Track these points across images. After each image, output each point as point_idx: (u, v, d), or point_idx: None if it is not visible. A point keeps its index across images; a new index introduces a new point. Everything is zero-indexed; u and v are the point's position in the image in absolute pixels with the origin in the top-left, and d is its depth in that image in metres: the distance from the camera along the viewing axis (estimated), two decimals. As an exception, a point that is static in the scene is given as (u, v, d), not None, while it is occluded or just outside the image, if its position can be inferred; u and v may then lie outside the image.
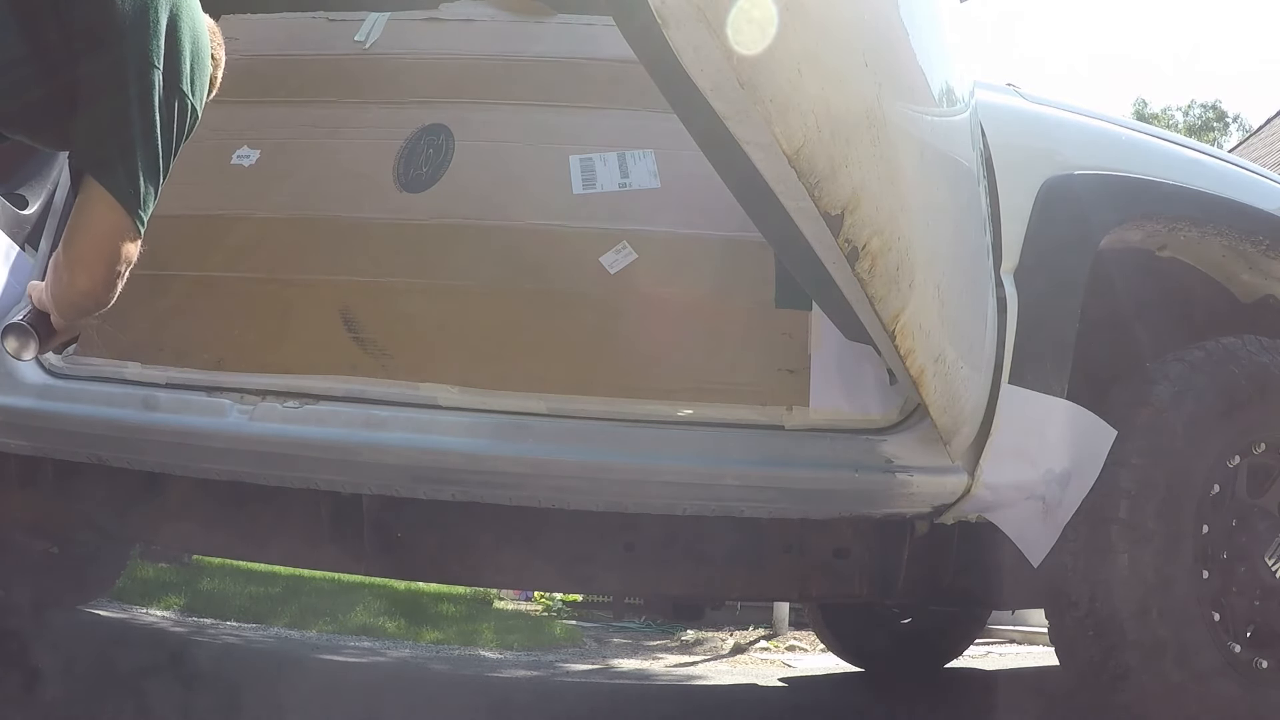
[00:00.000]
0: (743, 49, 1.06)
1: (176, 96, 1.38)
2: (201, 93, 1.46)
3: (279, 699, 2.62)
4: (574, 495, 1.80)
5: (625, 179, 2.05)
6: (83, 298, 1.41)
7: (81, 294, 1.40)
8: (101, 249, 1.37)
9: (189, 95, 1.41)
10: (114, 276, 1.38)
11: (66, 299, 1.43)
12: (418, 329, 1.91)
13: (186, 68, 1.40)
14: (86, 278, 1.39)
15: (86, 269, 1.38)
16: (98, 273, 1.38)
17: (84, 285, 1.39)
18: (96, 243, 1.37)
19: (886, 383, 1.83)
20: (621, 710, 2.98)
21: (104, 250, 1.37)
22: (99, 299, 1.41)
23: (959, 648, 3.72)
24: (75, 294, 1.41)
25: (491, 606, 7.23)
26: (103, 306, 1.43)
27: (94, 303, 1.42)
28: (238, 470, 1.85)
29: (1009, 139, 1.88)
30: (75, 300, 1.42)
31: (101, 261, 1.38)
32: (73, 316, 1.47)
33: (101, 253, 1.37)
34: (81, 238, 1.39)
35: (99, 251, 1.37)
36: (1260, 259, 2.12)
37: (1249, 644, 1.88)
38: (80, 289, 1.40)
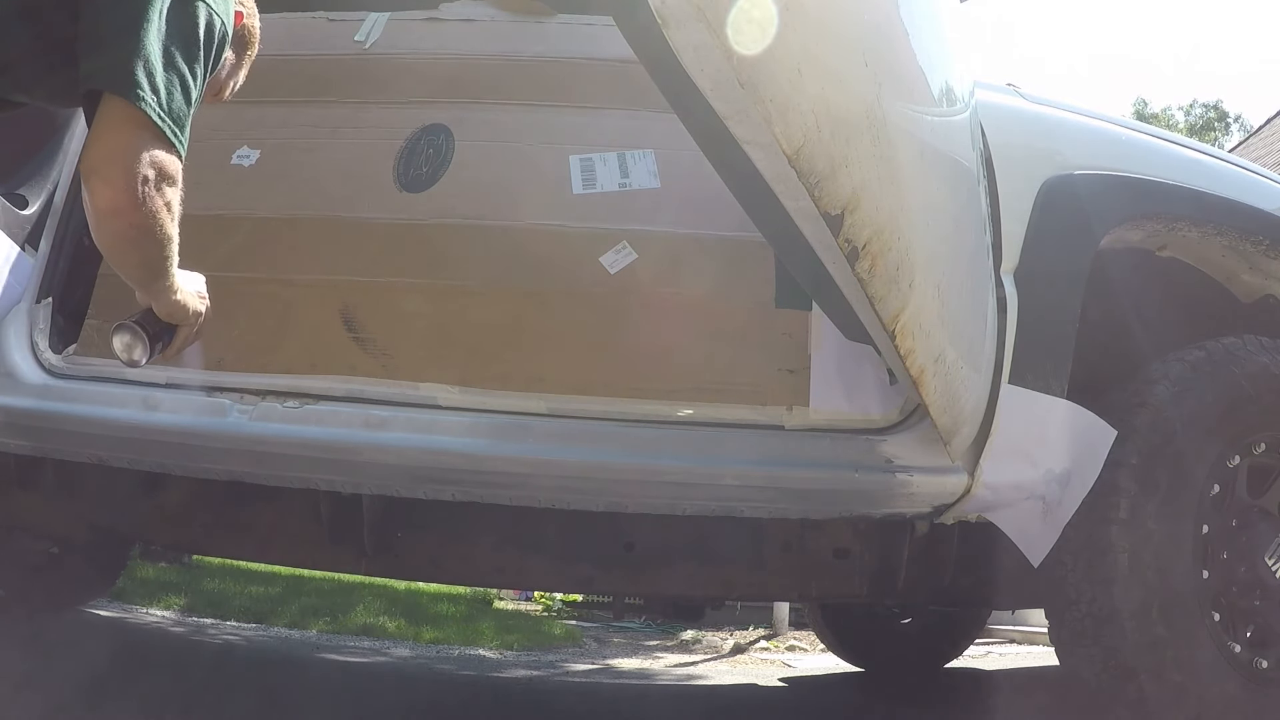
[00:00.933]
0: (743, 49, 1.06)
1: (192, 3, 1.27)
2: (225, 9, 1.34)
3: (279, 699, 2.62)
4: (574, 495, 1.80)
5: (625, 179, 2.05)
6: (109, 217, 1.21)
7: (104, 212, 1.21)
8: (115, 150, 1.19)
9: (208, 2, 1.29)
10: (137, 181, 1.19)
11: (98, 230, 1.23)
12: (418, 329, 1.91)
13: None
14: (104, 189, 1.20)
15: (102, 178, 1.20)
16: (115, 178, 1.19)
17: (104, 201, 1.20)
18: (109, 145, 1.20)
19: (886, 383, 1.83)
20: (621, 710, 2.98)
21: (118, 151, 1.19)
22: (129, 217, 1.21)
23: (959, 648, 3.72)
24: (100, 216, 1.21)
25: (491, 606, 7.23)
26: (144, 233, 1.23)
27: (126, 224, 1.21)
28: (238, 470, 1.85)
29: (1009, 139, 1.88)
30: (105, 227, 1.22)
31: (117, 164, 1.19)
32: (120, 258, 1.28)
33: (115, 154, 1.19)
34: (92, 146, 1.21)
35: (112, 153, 1.19)
36: (1260, 259, 2.12)
37: (1249, 644, 1.88)
38: (101, 206, 1.20)
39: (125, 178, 1.19)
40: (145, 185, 1.21)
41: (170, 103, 1.23)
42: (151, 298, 1.41)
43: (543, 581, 3.37)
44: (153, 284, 1.38)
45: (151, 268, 1.33)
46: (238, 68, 1.59)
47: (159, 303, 1.42)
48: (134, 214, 1.21)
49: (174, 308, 1.44)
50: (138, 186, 1.20)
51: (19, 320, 1.88)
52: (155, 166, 1.21)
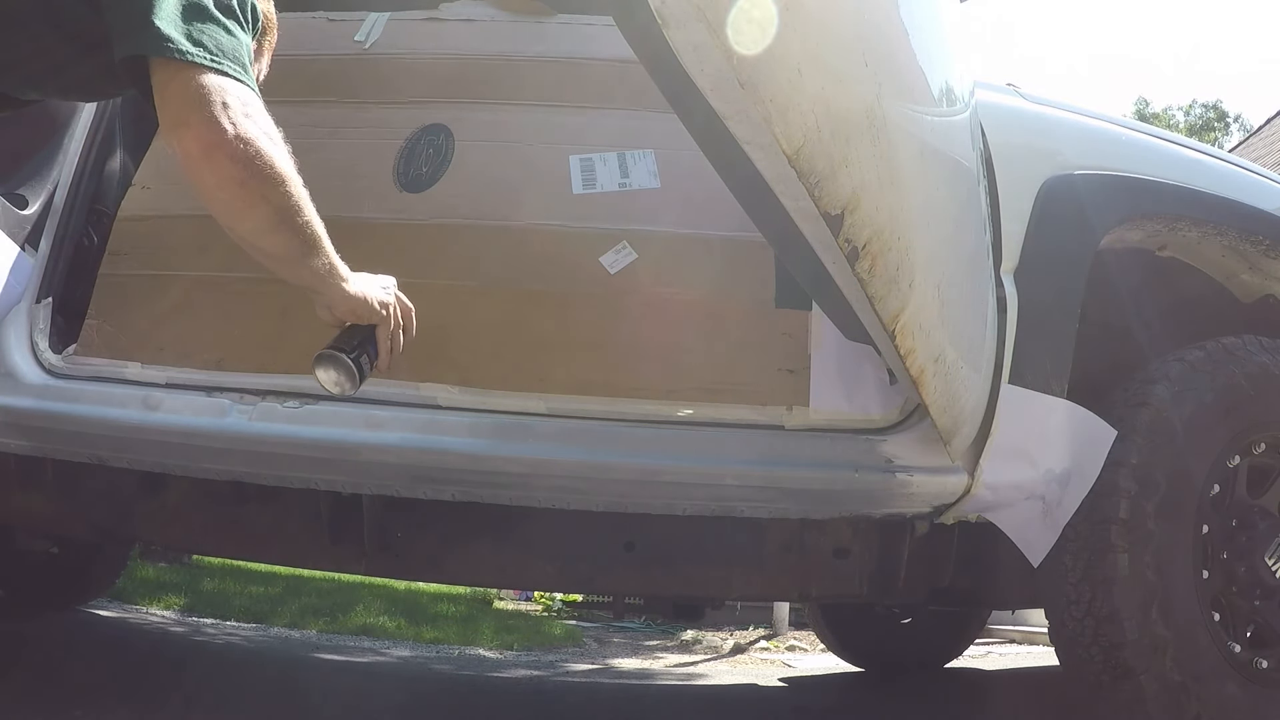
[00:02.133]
0: (743, 49, 1.05)
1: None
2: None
3: (279, 699, 2.62)
4: (574, 495, 1.80)
5: (625, 179, 2.05)
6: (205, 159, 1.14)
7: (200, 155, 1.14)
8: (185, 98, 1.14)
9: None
10: (217, 111, 1.14)
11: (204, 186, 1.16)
12: (418, 329, 1.90)
13: None
14: (188, 133, 1.14)
15: (184, 124, 1.14)
16: (194, 120, 1.14)
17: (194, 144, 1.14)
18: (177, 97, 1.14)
19: (886, 383, 1.83)
20: (621, 710, 2.98)
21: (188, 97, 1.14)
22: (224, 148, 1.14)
23: (959, 648, 3.72)
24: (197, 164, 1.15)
25: (491, 606, 7.23)
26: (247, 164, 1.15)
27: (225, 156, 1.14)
28: (238, 470, 1.85)
29: (1009, 139, 1.88)
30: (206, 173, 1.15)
31: (192, 107, 1.13)
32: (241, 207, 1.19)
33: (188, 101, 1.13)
34: (163, 110, 1.16)
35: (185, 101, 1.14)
36: (1260, 259, 2.12)
37: (1249, 644, 1.88)
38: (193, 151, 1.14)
39: (205, 113, 1.14)
40: (228, 112, 1.15)
41: (219, 46, 1.18)
42: (321, 290, 1.31)
43: (543, 581, 3.37)
44: (307, 260, 1.27)
45: (288, 221, 1.22)
46: (259, 54, 1.56)
47: (332, 298, 1.32)
48: (230, 145, 1.15)
49: (352, 301, 1.34)
50: (220, 117, 1.15)
51: (19, 320, 1.88)
52: (231, 95, 1.16)
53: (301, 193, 1.23)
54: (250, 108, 1.18)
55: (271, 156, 1.18)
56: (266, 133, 1.19)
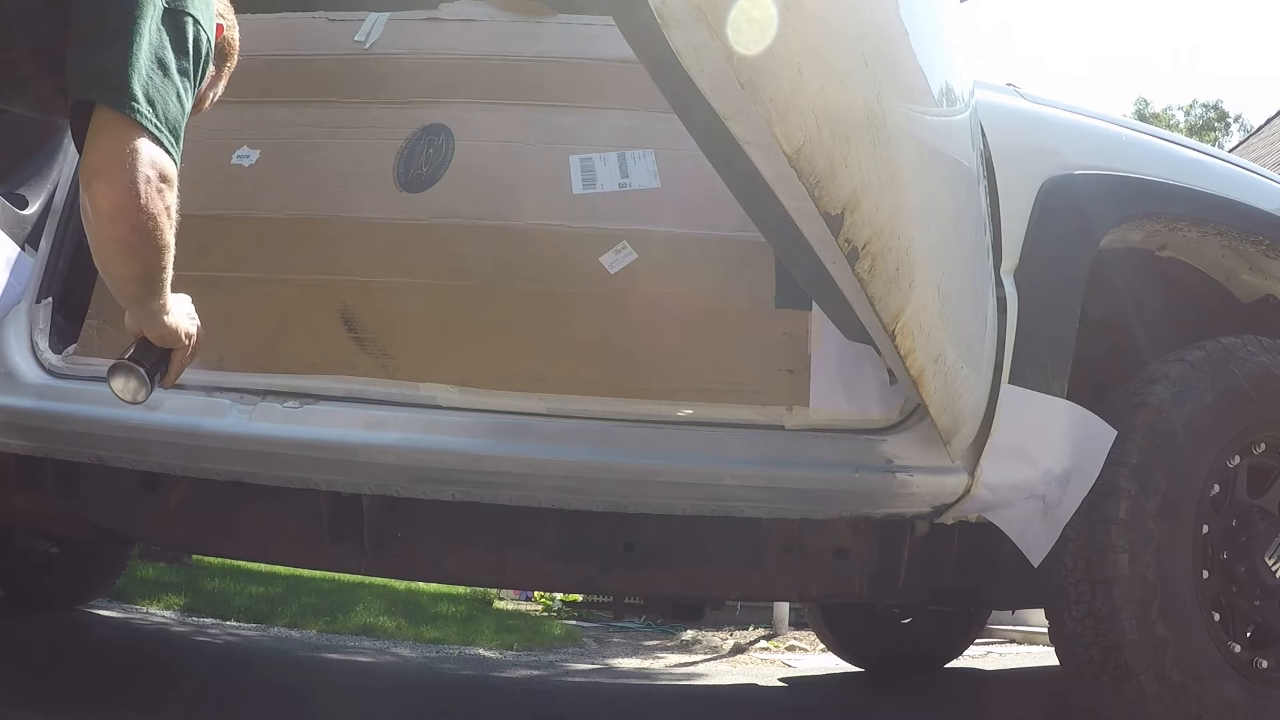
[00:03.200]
0: (743, 49, 1.05)
1: (180, 15, 1.27)
2: (208, 20, 1.34)
3: (279, 699, 2.62)
4: (574, 495, 1.80)
5: (625, 179, 2.05)
6: (112, 223, 1.19)
7: (108, 217, 1.18)
8: (117, 153, 1.18)
9: (186, 9, 1.28)
10: (140, 182, 1.18)
11: (100, 245, 1.21)
12: (418, 329, 1.91)
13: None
14: (107, 189, 1.18)
15: (105, 179, 1.18)
16: (118, 179, 1.17)
17: (107, 202, 1.18)
18: (110, 149, 1.18)
19: (886, 383, 1.83)
20: (621, 710, 2.98)
21: (120, 154, 1.18)
22: (134, 220, 1.19)
23: (959, 648, 3.72)
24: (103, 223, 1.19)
25: (491, 606, 7.23)
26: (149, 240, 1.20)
27: (129, 228, 1.19)
28: (238, 470, 1.85)
29: (1009, 139, 1.88)
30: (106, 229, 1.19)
31: (119, 166, 1.17)
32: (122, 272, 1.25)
33: (118, 157, 1.18)
34: (93, 152, 1.20)
35: (115, 156, 1.18)
36: (1260, 259, 2.12)
37: (1249, 644, 1.88)
38: (104, 208, 1.18)
39: (128, 177, 1.18)
40: (148, 185, 1.20)
41: (166, 112, 1.23)
42: (144, 320, 1.38)
43: (543, 581, 3.36)
44: (148, 302, 1.34)
45: (149, 280, 1.30)
46: (217, 79, 1.59)
47: (152, 326, 1.39)
48: (136, 215, 1.20)
49: (167, 331, 1.41)
50: (140, 186, 1.19)
51: (19, 320, 1.88)
52: (156, 168, 1.21)
53: (170, 257, 1.30)
54: (166, 182, 1.23)
55: (164, 234, 1.24)
56: (169, 208, 1.24)
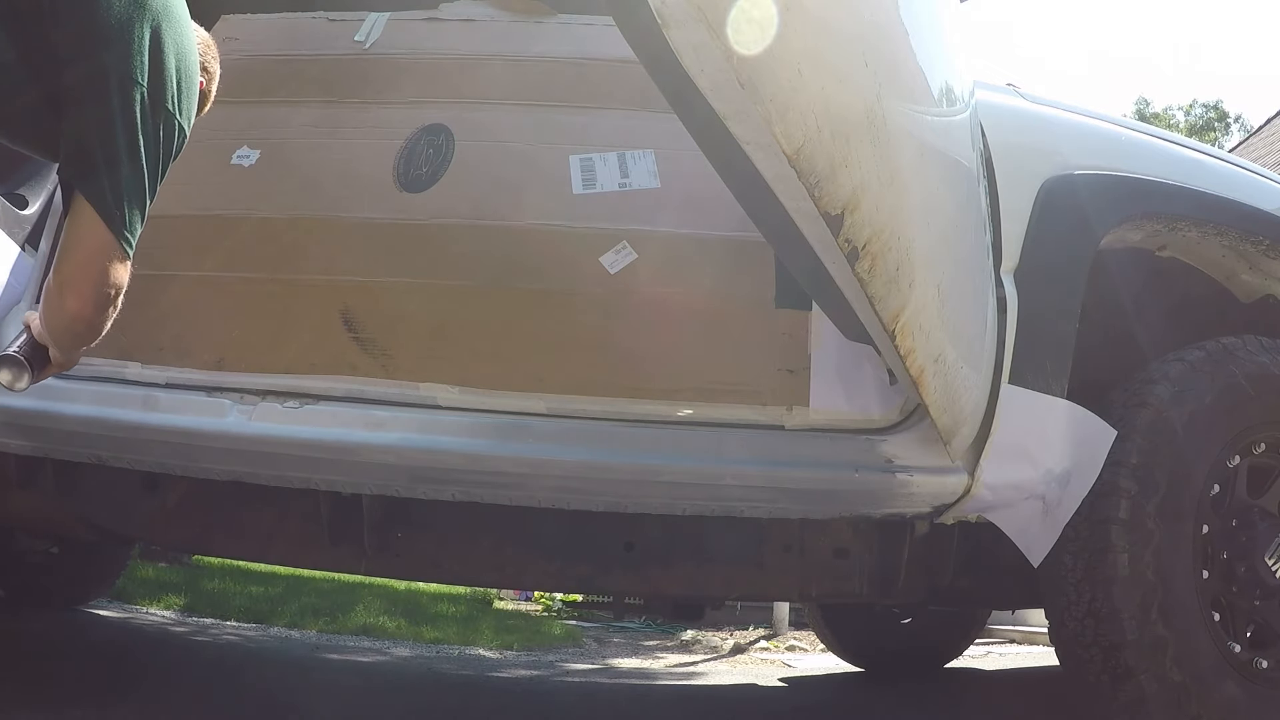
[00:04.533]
0: (743, 49, 1.05)
1: (162, 115, 1.37)
2: (190, 111, 1.45)
3: (279, 699, 2.62)
4: (574, 495, 1.80)
5: (625, 179, 2.05)
6: (73, 321, 1.39)
7: (71, 317, 1.38)
8: (88, 268, 1.35)
9: (175, 114, 1.40)
10: (104, 299, 1.37)
11: (58, 324, 1.41)
12: (418, 329, 1.91)
13: (172, 86, 1.38)
14: (75, 299, 1.37)
15: (75, 289, 1.37)
16: (86, 293, 1.36)
17: (73, 308, 1.38)
18: (83, 261, 1.36)
19: (886, 383, 1.83)
20: (621, 710, 2.98)
21: (91, 269, 1.35)
22: (90, 322, 1.39)
23: (959, 648, 3.72)
24: (66, 318, 1.39)
25: (491, 606, 7.23)
26: (96, 332, 1.41)
27: (85, 326, 1.39)
28: (238, 470, 1.85)
29: (1009, 139, 1.88)
30: (66, 324, 1.40)
31: (89, 282, 1.36)
32: (68, 344, 1.44)
33: (89, 272, 1.35)
34: (68, 257, 1.37)
35: (86, 271, 1.35)
36: (1260, 259, 2.12)
37: (1249, 644, 1.88)
38: (70, 312, 1.38)
39: (95, 294, 1.36)
40: (110, 304, 1.38)
41: (133, 222, 1.36)
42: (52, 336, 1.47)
43: (543, 581, 3.36)
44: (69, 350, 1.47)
45: (79, 343, 1.45)
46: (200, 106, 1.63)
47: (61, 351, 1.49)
48: (97, 320, 1.39)
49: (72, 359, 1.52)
50: (108, 303, 1.37)
51: (19, 320, 1.88)
52: (117, 285, 1.37)
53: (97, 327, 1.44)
54: (121, 293, 1.38)
55: (107, 323, 1.40)
56: (116, 305, 1.39)
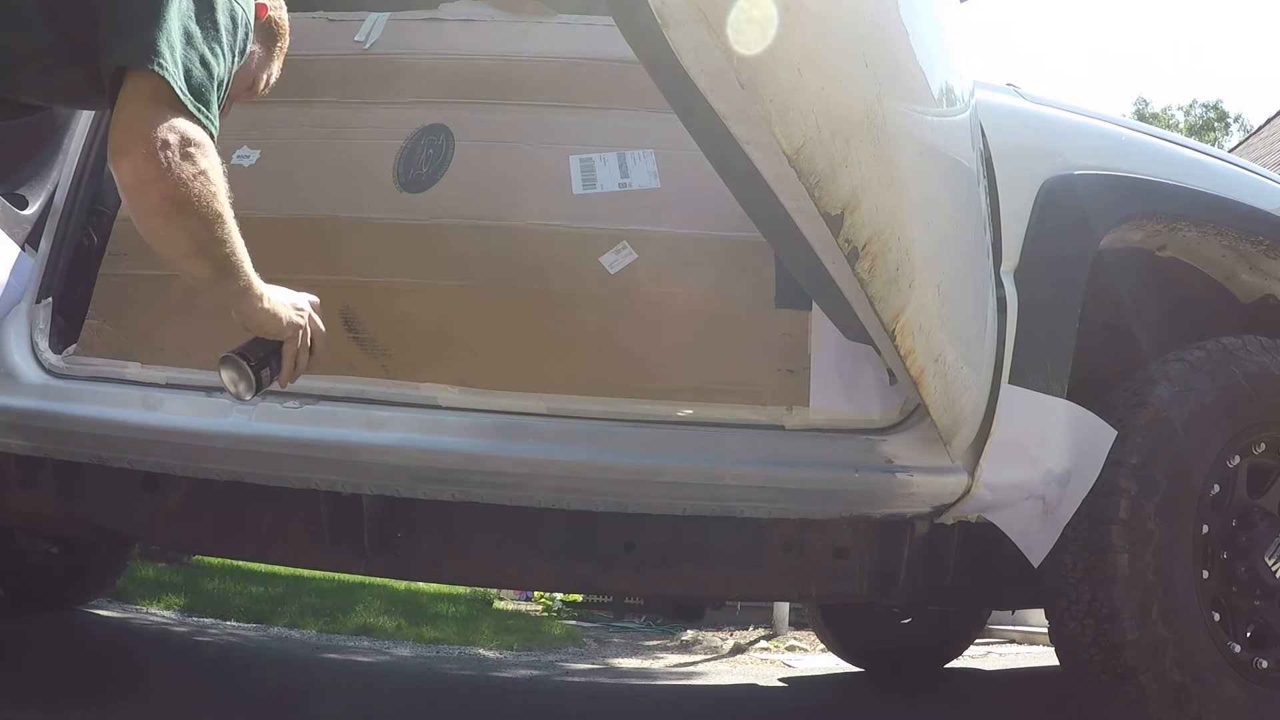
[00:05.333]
0: (743, 49, 1.05)
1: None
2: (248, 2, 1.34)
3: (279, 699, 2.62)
4: (574, 495, 1.80)
5: (625, 179, 2.05)
6: (136, 191, 1.17)
7: (131, 186, 1.17)
8: (133, 122, 1.16)
9: None
10: (157, 149, 1.16)
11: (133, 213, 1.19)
12: (418, 329, 1.91)
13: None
14: (125, 161, 1.16)
15: (123, 151, 1.17)
16: (134, 148, 1.16)
17: (128, 175, 1.17)
18: (127, 119, 1.17)
19: (886, 383, 1.83)
20: (621, 710, 2.98)
21: (136, 122, 1.16)
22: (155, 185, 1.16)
23: (959, 648, 3.72)
24: (128, 193, 1.18)
25: (491, 606, 7.23)
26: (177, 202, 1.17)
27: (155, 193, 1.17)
28: (238, 470, 1.85)
29: (1009, 139, 1.88)
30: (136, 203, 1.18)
31: (136, 134, 1.16)
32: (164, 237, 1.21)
33: (134, 126, 1.16)
34: (113, 127, 1.18)
35: (131, 126, 1.16)
36: (1260, 259, 2.12)
37: (1249, 644, 1.88)
38: (127, 182, 1.17)
39: (144, 145, 1.16)
40: (167, 150, 1.16)
41: (189, 79, 1.20)
42: (234, 305, 1.34)
43: (543, 581, 3.36)
44: (223, 283, 1.30)
45: (205, 255, 1.25)
46: (267, 60, 1.58)
47: (244, 313, 1.36)
48: (161, 182, 1.17)
49: (263, 318, 1.38)
50: (158, 152, 1.16)
51: (19, 320, 1.88)
52: (177, 133, 1.17)
53: (226, 227, 1.26)
54: (192, 145, 1.19)
55: (202, 200, 1.21)
56: (205, 171, 1.20)
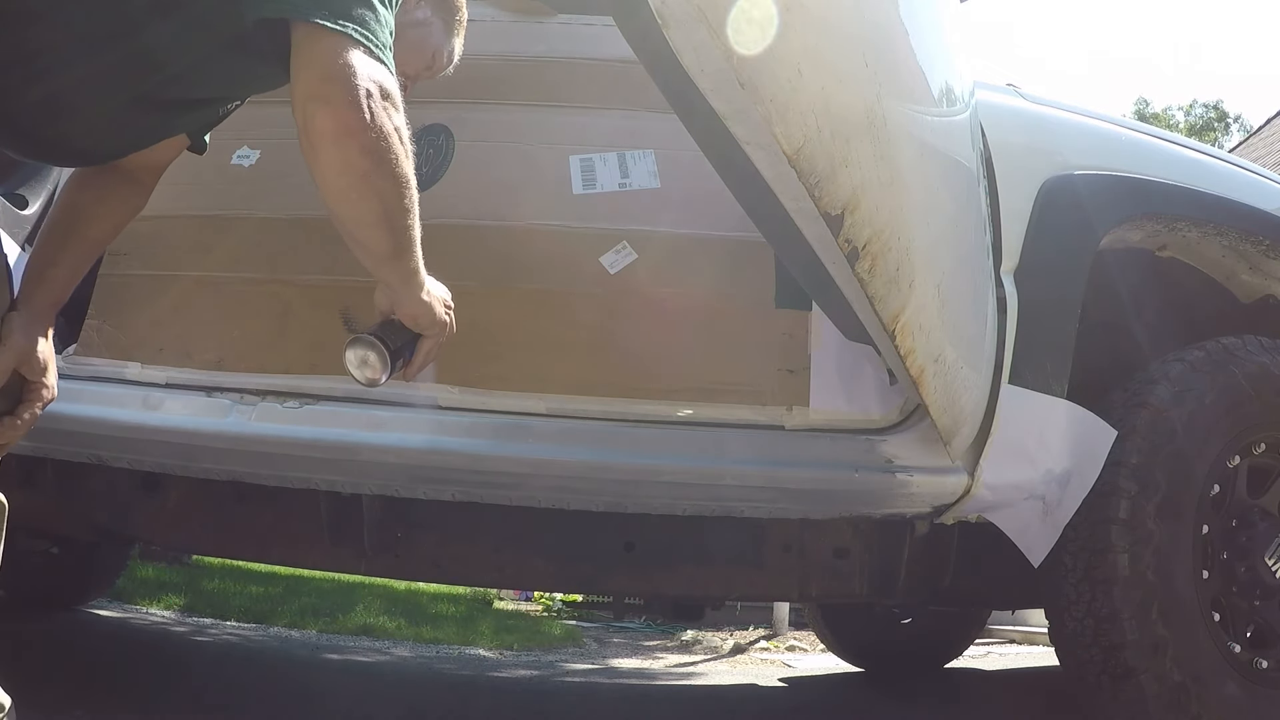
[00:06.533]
0: (743, 49, 1.06)
1: None
2: None
3: (279, 699, 2.62)
4: (574, 495, 1.80)
5: (625, 179, 2.05)
6: (336, 142, 1.06)
7: (332, 136, 1.06)
8: (331, 68, 1.06)
9: None
10: (361, 97, 1.06)
11: (325, 165, 1.08)
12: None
13: None
14: (326, 109, 1.06)
15: (322, 99, 1.06)
16: (336, 95, 1.06)
17: (329, 123, 1.06)
18: (323, 65, 1.06)
19: (886, 383, 1.83)
20: (621, 710, 2.98)
21: (335, 69, 1.06)
22: (358, 136, 1.06)
23: (959, 648, 3.72)
24: (324, 144, 1.07)
25: (491, 606, 7.23)
26: (376, 159, 1.08)
27: (356, 146, 1.07)
28: (238, 470, 1.85)
29: (1009, 139, 1.88)
30: (332, 154, 1.07)
31: (337, 81, 1.05)
32: (354, 197, 1.12)
33: (333, 72, 1.06)
34: (303, 73, 1.08)
35: (329, 72, 1.06)
36: (1260, 259, 2.12)
37: (1249, 644, 1.88)
38: (326, 129, 1.06)
39: (347, 93, 1.06)
40: (370, 100, 1.07)
41: (367, 21, 1.11)
42: (397, 288, 1.24)
43: (543, 581, 3.36)
44: (400, 261, 1.20)
45: (391, 221, 1.16)
46: (446, 34, 1.52)
47: (406, 299, 1.25)
48: (364, 134, 1.07)
49: (420, 308, 1.28)
50: (362, 101, 1.06)
51: (19, 320, 1.88)
52: (376, 82, 1.08)
53: (413, 197, 1.17)
54: (389, 99, 1.10)
55: (398, 155, 1.12)
56: (399, 128, 1.12)
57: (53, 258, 1.33)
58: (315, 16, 1.07)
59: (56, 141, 1.23)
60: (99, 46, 1.14)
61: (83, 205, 1.37)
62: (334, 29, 1.07)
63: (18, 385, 1.19)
